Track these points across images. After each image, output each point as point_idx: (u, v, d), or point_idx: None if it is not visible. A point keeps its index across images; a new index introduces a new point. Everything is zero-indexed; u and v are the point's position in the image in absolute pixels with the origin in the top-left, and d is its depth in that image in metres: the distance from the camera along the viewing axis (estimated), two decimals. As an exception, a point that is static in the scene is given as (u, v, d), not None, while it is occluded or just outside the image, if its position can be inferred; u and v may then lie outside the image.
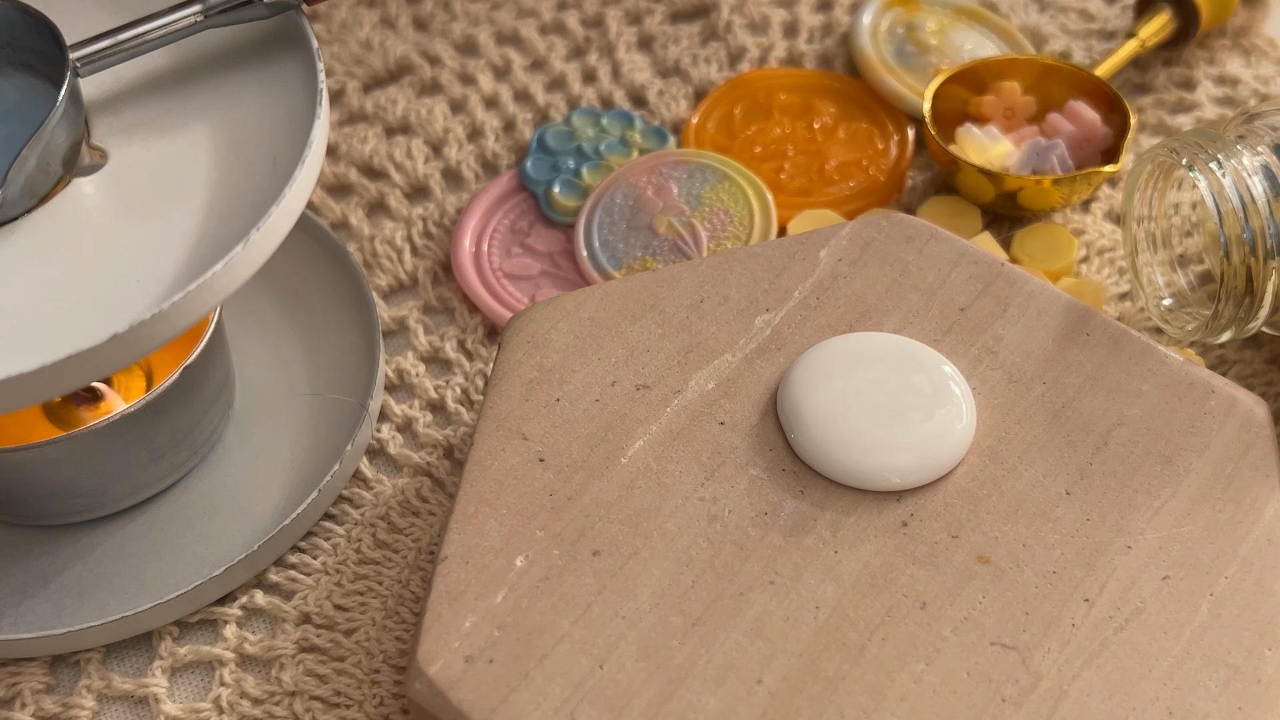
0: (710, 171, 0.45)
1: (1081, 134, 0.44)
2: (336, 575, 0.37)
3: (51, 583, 0.36)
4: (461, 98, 0.49)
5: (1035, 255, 0.43)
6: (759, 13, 0.52)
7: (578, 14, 0.52)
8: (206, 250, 0.32)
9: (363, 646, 0.36)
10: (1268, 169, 0.37)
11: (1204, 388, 0.35)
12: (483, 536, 0.32)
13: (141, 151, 0.34)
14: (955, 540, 0.32)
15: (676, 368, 0.35)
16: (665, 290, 0.37)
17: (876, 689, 0.30)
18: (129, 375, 0.38)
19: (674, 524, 0.32)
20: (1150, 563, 0.32)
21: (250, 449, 0.39)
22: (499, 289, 0.43)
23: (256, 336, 0.41)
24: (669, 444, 0.34)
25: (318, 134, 0.33)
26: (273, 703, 0.35)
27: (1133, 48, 0.48)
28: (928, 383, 0.34)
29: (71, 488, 0.36)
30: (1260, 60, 0.50)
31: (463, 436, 0.40)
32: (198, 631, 0.36)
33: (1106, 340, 0.36)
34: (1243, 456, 0.34)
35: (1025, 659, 0.30)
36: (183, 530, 0.37)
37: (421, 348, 0.42)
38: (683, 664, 0.30)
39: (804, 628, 0.31)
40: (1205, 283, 0.42)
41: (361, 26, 0.51)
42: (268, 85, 0.35)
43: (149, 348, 0.30)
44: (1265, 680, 0.30)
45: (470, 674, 0.30)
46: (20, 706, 0.35)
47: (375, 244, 0.44)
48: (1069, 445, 0.34)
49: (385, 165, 0.47)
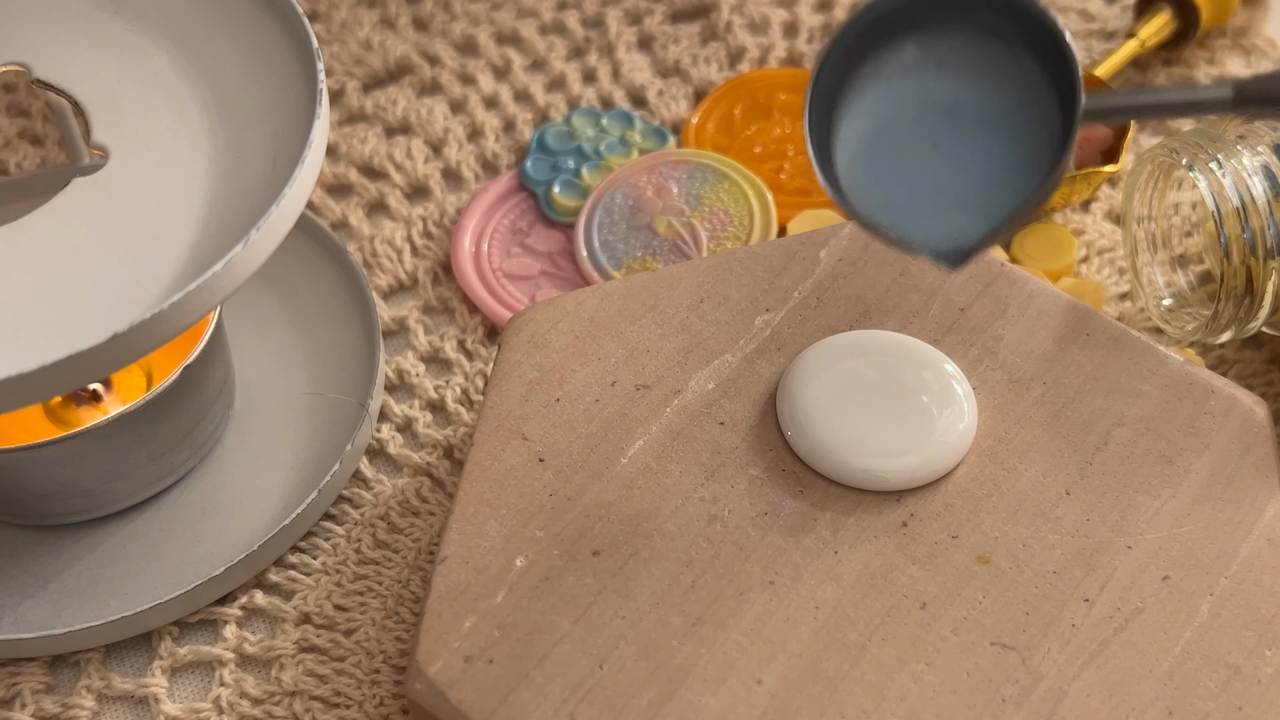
0: (710, 171, 0.45)
1: (1081, 134, 0.44)
2: (336, 575, 0.37)
3: (51, 583, 0.36)
4: (461, 98, 0.49)
5: (1035, 255, 0.43)
6: (759, 13, 0.52)
7: (578, 14, 0.52)
8: (206, 250, 0.32)
9: (363, 646, 0.36)
10: (1268, 169, 0.37)
11: (1204, 388, 0.35)
12: (483, 536, 0.32)
13: (141, 151, 0.34)
14: (955, 540, 0.32)
15: (676, 368, 0.35)
16: (665, 290, 0.37)
17: (876, 689, 0.30)
18: (129, 375, 0.38)
19: (674, 524, 0.32)
20: (1150, 563, 0.32)
21: (250, 449, 0.39)
22: (499, 289, 0.43)
23: (256, 336, 0.41)
24: (669, 444, 0.34)
25: (318, 134, 0.33)
26: (273, 703, 0.35)
27: (1133, 48, 0.48)
28: (929, 382, 0.34)
29: (71, 488, 0.36)
30: (1260, 60, 0.50)
31: (463, 436, 0.40)
32: (197, 631, 0.36)
33: (1106, 340, 0.36)
34: (1243, 456, 0.34)
35: (1025, 659, 0.30)
36: (183, 530, 0.37)
37: (421, 348, 0.42)
38: (683, 664, 0.30)
39: (804, 628, 0.31)
40: (1205, 283, 0.41)
41: (361, 26, 0.51)
42: (268, 85, 0.35)
43: (149, 348, 0.30)
44: (1265, 680, 0.30)
45: (470, 674, 0.30)
46: (20, 706, 0.35)
47: (375, 244, 0.44)
48: (1069, 445, 0.34)
49: (385, 165, 0.47)
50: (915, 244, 0.30)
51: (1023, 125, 0.30)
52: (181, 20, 0.36)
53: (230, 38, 0.36)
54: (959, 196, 0.31)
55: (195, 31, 0.36)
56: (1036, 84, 0.30)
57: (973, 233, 0.30)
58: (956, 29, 0.30)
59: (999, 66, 0.30)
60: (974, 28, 0.30)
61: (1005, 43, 0.30)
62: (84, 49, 0.36)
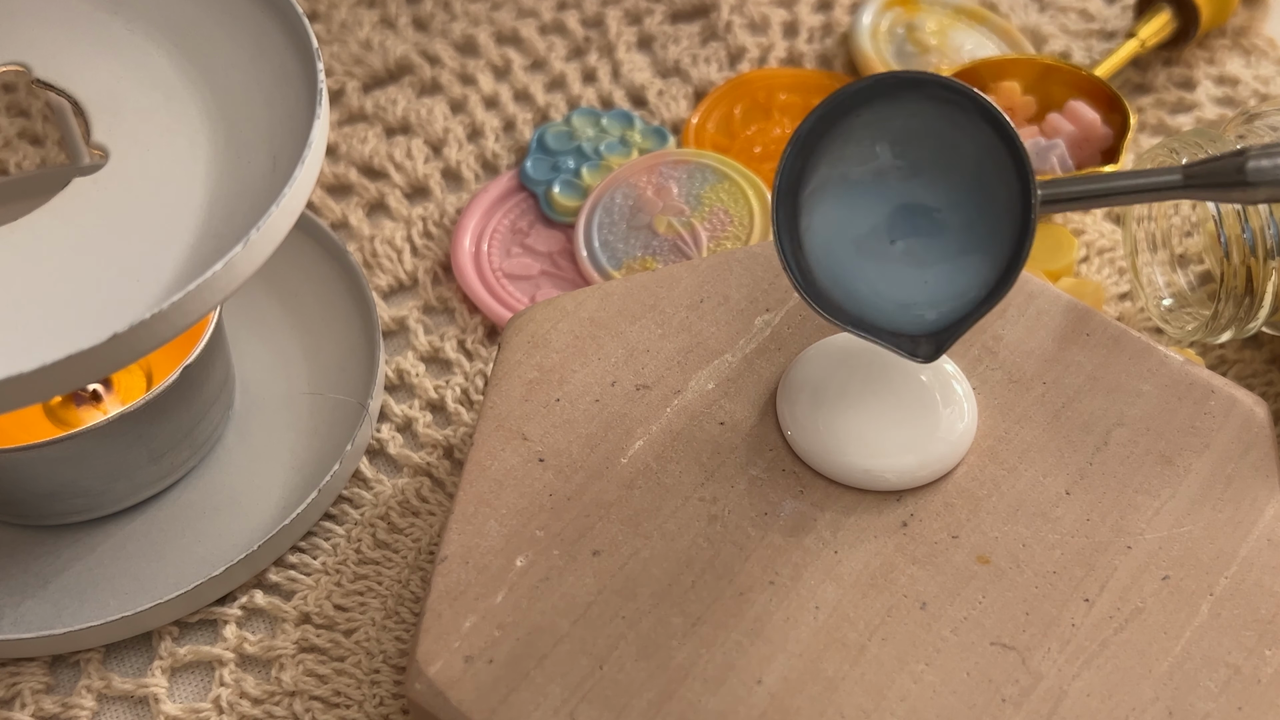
0: (710, 171, 0.45)
1: (1081, 134, 0.44)
2: (336, 575, 0.37)
3: (51, 583, 0.36)
4: (461, 98, 0.49)
5: (1035, 255, 0.43)
6: (759, 13, 0.52)
7: (578, 14, 0.52)
8: (206, 250, 0.32)
9: (363, 646, 0.36)
10: (1268, 169, 0.37)
11: (1204, 388, 0.35)
12: (483, 536, 0.32)
13: (141, 151, 0.34)
14: (955, 540, 0.32)
15: (676, 368, 0.35)
16: (665, 290, 0.37)
17: (876, 689, 0.30)
18: (129, 375, 0.38)
19: (674, 524, 0.32)
20: (1150, 563, 0.32)
21: (250, 449, 0.39)
22: (499, 289, 0.43)
23: (256, 336, 0.41)
24: (669, 444, 0.34)
25: (318, 134, 0.33)
26: (273, 703, 0.35)
27: (1133, 48, 0.48)
28: (929, 382, 0.34)
29: (71, 488, 0.36)
30: (1260, 60, 0.50)
31: (463, 436, 0.40)
32: (197, 631, 0.36)
33: (1106, 340, 0.36)
34: (1243, 456, 0.34)
35: (1025, 659, 0.30)
36: (183, 530, 0.37)
37: (421, 348, 0.42)
38: (683, 664, 0.30)
39: (804, 628, 0.31)
40: (1205, 283, 0.42)
41: (361, 26, 0.51)
42: (268, 85, 0.35)
43: (149, 348, 0.30)
44: (1265, 680, 0.30)
45: (470, 674, 0.30)
46: (20, 706, 0.35)
47: (375, 244, 0.44)
48: (1069, 445, 0.34)
49: (385, 165, 0.47)
50: (884, 341, 0.31)
51: (981, 205, 0.30)
52: (181, 20, 0.36)
53: (230, 38, 0.36)
54: (922, 293, 0.31)
55: (195, 31, 0.36)
56: (994, 152, 0.30)
57: (938, 323, 0.30)
58: (909, 98, 0.30)
59: (956, 141, 0.30)
60: (927, 98, 0.30)
61: (962, 110, 0.30)
62: (84, 49, 0.36)
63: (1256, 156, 0.29)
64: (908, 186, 0.30)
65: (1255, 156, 0.29)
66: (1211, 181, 0.30)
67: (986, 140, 0.29)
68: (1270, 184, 0.29)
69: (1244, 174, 0.29)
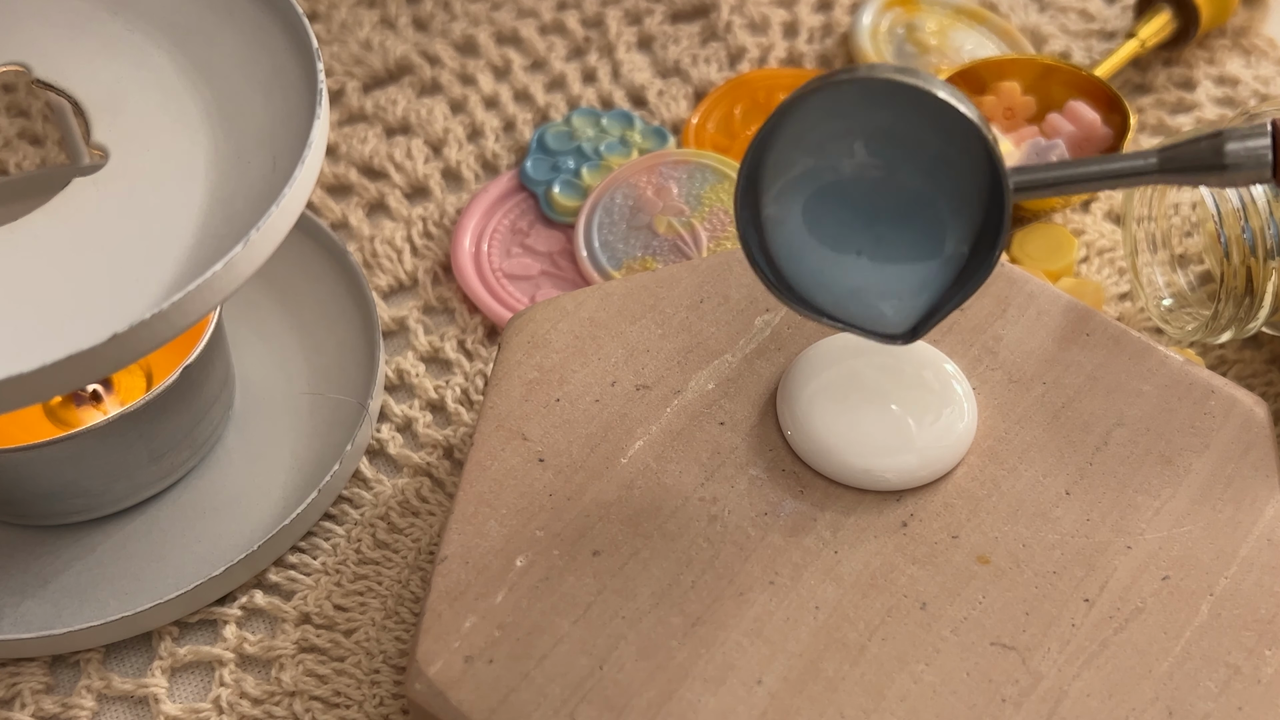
0: (710, 171, 0.45)
1: (1081, 134, 0.44)
2: (336, 575, 0.37)
3: (51, 583, 0.36)
4: (461, 98, 0.49)
5: (1035, 255, 0.43)
6: (759, 13, 0.52)
7: (578, 14, 0.52)
8: (206, 250, 0.32)
9: (362, 646, 0.36)
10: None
11: (1204, 388, 0.35)
12: (483, 536, 0.32)
13: (141, 151, 0.34)
14: (955, 540, 0.32)
15: (676, 368, 0.35)
16: (665, 290, 0.37)
17: (876, 689, 0.30)
18: (129, 375, 0.38)
19: (674, 524, 0.32)
20: (1150, 563, 0.32)
21: (250, 449, 0.39)
22: (499, 289, 0.43)
23: (256, 336, 0.41)
24: (669, 444, 0.34)
25: (318, 134, 0.33)
26: (272, 703, 0.35)
27: (1133, 48, 0.48)
28: (929, 382, 0.34)
29: (71, 488, 0.36)
30: (1260, 60, 0.50)
31: (463, 436, 0.40)
32: (197, 631, 0.36)
33: (1106, 340, 0.36)
34: (1243, 456, 0.34)
35: (1025, 659, 0.30)
36: (183, 530, 0.37)
37: (421, 348, 0.42)
38: (683, 664, 0.30)
39: (804, 628, 0.31)
40: (1205, 283, 0.42)
41: (361, 26, 0.51)
42: (268, 85, 0.35)
43: (149, 348, 0.30)
44: (1265, 680, 0.30)
45: (470, 674, 0.30)
46: (20, 706, 0.35)
47: (375, 244, 0.44)
48: (1069, 445, 0.34)
49: (385, 165, 0.47)
50: (859, 329, 0.31)
51: (953, 193, 0.30)
52: (181, 20, 0.36)
53: (230, 38, 0.36)
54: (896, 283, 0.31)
55: (195, 31, 0.36)
56: (963, 140, 0.29)
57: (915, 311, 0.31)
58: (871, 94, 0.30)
59: (921, 134, 0.30)
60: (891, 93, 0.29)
61: (926, 103, 0.29)
62: (84, 49, 0.36)
63: (1236, 138, 0.29)
64: (877, 180, 0.30)
65: (1234, 138, 0.29)
66: (1189, 165, 0.29)
67: (954, 130, 0.29)
68: (1250, 167, 0.29)
69: (1223, 156, 0.29)
